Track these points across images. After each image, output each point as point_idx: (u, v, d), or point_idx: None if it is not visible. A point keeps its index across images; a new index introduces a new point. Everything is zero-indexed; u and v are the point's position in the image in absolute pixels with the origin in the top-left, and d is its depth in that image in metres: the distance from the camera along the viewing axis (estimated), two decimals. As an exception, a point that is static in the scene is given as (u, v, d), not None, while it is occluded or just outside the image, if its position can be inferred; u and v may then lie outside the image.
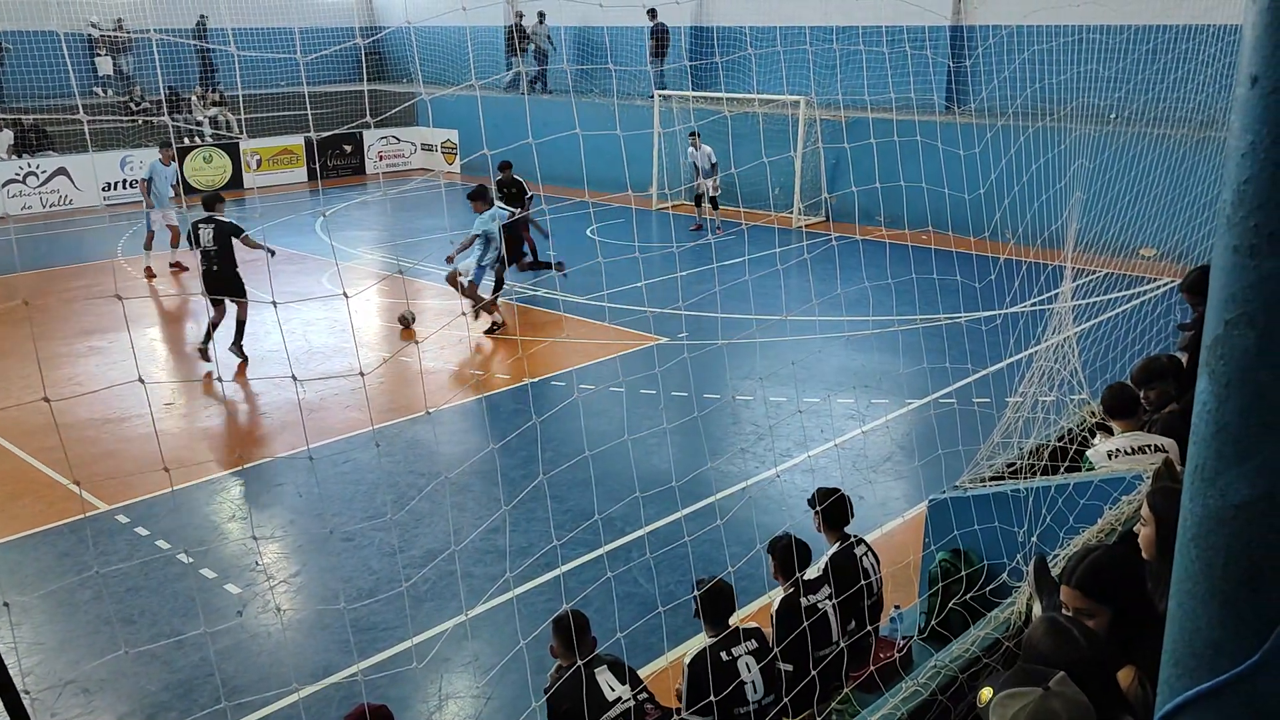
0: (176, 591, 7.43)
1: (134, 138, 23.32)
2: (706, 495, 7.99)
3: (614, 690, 4.46)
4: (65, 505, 8.69)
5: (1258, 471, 1.40)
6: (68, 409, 10.40)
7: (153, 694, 6.33)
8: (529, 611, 6.80)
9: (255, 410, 10.75)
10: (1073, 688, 2.41)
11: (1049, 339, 6.69)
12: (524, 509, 8.23)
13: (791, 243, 16.40)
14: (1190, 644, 1.51)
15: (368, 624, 6.99)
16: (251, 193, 24.15)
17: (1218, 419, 1.44)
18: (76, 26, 24.59)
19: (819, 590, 5.15)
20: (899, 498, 8.67)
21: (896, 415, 10.42)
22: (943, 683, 3.74)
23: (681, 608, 5.43)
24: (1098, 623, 3.05)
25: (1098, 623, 3.05)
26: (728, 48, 22.65)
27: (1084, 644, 2.70)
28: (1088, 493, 4.93)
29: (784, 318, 12.30)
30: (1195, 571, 1.49)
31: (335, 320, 13.43)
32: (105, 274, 16.41)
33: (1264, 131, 1.35)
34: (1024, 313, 8.73)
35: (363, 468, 9.46)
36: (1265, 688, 1.45)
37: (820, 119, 19.50)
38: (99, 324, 13.66)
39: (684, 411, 9.86)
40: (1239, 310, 1.39)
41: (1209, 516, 1.46)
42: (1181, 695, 1.52)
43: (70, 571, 7.76)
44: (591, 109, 23.09)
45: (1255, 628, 1.44)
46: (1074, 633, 2.73)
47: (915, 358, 11.14)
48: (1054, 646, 2.70)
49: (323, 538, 8.20)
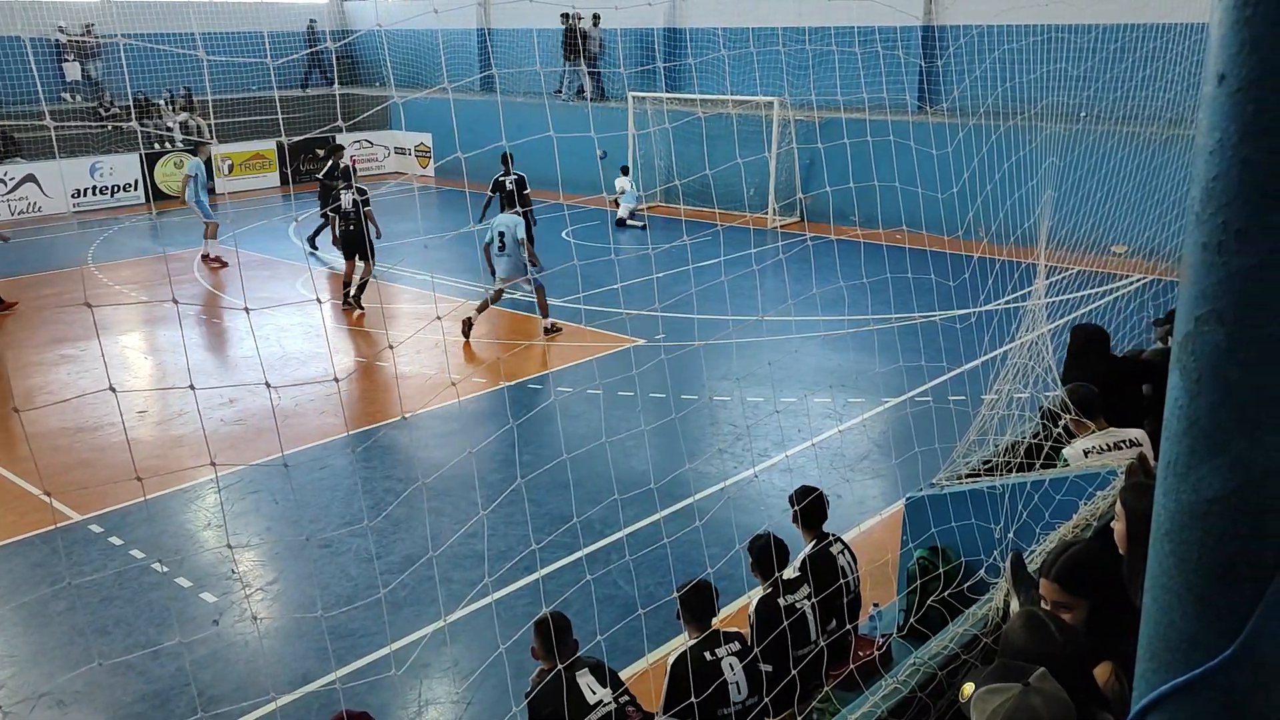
0: (151, 601, 7.36)
1: (103, 144, 23.09)
2: (685, 496, 7.99)
3: (595, 693, 4.45)
4: (37, 516, 8.59)
5: (1229, 467, 1.41)
6: (39, 418, 10.29)
7: (128, 705, 6.27)
8: (508, 616, 6.78)
9: (229, 417, 10.66)
10: (1053, 683, 2.43)
11: (1023, 336, 6.74)
12: (502, 513, 8.20)
13: (767, 243, 16.43)
14: (1165, 639, 1.52)
15: (346, 631, 6.94)
16: (224, 198, 23.96)
17: (1189, 415, 1.45)
18: (44, 32, 24.32)
19: (797, 590, 5.16)
20: (876, 496, 8.71)
21: (873, 414, 10.46)
22: (922, 680, 3.75)
23: (661, 609, 5.43)
24: (1075, 616, 3.07)
25: (1075, 616, 3.07)
26: (701, 49, 22.68)
27: (1061, 639, 2.72)
28: (1063, 489, 4.97)
29: (760, 318, 12.32)
30: (1169, 567, 1.50)
31: (309, 325, 13.35)
32: (75, 281, 16.24)
33: (1231, 129, 1.36)
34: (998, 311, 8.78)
35: (339, 474, 9.41)
36: (1240, 681, 1.47)
37: (794, 120, 19.57)
38: (69, 332, 13.52)
39: (662, 413, 9.86)
40: (1209, 307, 1.40)
41: (1182, 512, 1.47)
42: (1157, 690, 1.53)
43: (43, 583, 7.67)
44: (566, 111, 23.08)
45: (1230, 622, 1.45)
46: (1051, 628, 2.75)
47: (891, 356, 11.19)
48: (1032, 641, 2.72)
49: (299, 545, 8.14)
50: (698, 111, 18.96)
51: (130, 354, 13.22)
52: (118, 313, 14.79)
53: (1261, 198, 1.34)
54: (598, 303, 13.60)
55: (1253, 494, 1.41)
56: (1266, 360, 1.37)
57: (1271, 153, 1.33)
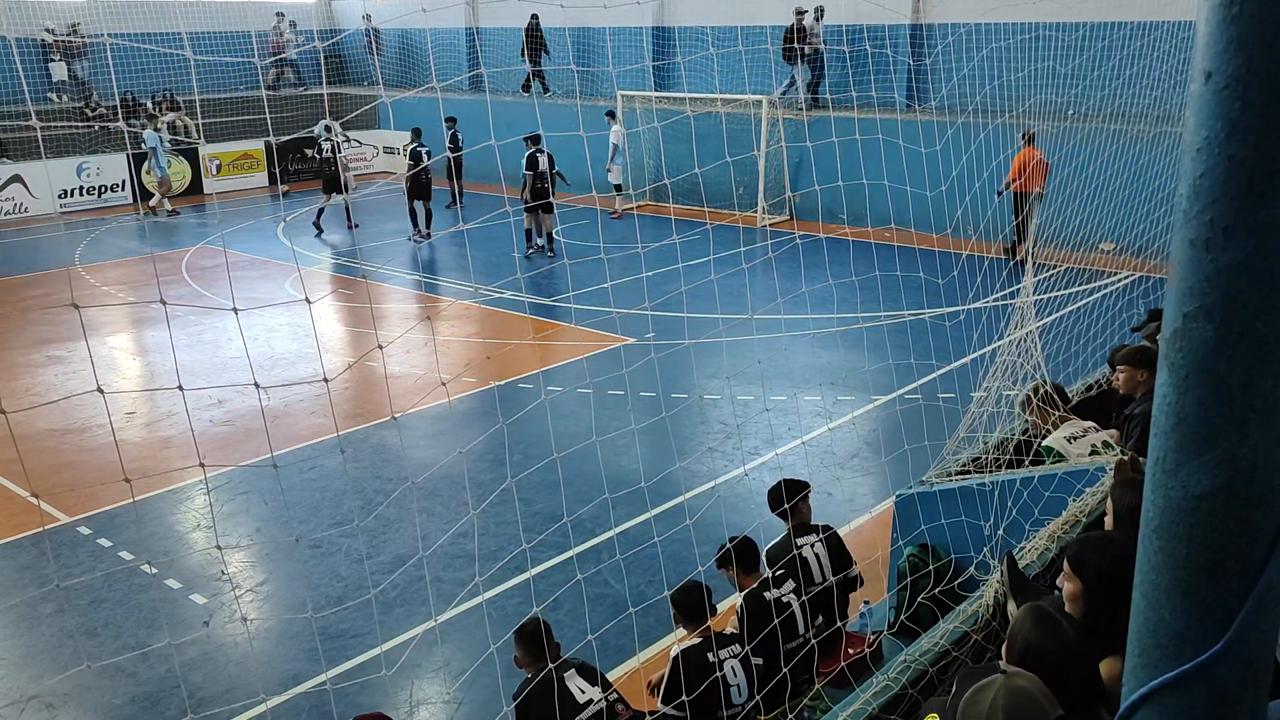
0: (141, 603, 7.33)
1: (90, 144, 22.98)
2: (675, 495, 7.99)
3: (585, 693, 4.44)
4: (25, 518, 8.55)
5: (1218, 463, 1.42)
6: (26, 420, 10.23)
7: (118, 707, 6.25)
8: (499, 615, 6.77)
9: (218, 418, 10.63)
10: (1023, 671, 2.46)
11: (1012, 333, 6.76)
12: (493, 512, 8.19)
13: (756, 241, 16.44)
14: (1154, 634, 1.53)
15: (336, 631, 6.93)
16: (212, 198, 23.88)
17: (1178, 411, 1.45)
18: (30, 32, 24.17)
19: (783, 584, 5.15)
20: (866, 494, 8.72)
21: (863, 412, 10.48)
22: (913, 677, 3.76)
23: (652, 608, 5.44)
24: (1072, 589, 3.08)
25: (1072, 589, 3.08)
26: (690, 48, 22.69)
27: (1071, 632, 2.73)
28: (1052, 485, 4.99)
29: (750, 316, 12.34)
30: (1158, 563, 1.51)
31: (298, 326, 13.31)
32: (62, 282, 16.17)
33: (1218, 126, 1.36)
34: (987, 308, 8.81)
35: (329, 474, 9.38)
36: (1228, 676, 1.47)
37: (783, 118, 19.59)
38: (56, 333, 13.45)
39: (652, 412, 9.87)
40: (1196, 303, 1.41)
41: (1170, 508, 1.48)
42: (1147, 685, 1.54)
43: (31, 585, 7.64)
44: (553, 110, 23.05)
45: (1218, 617, 1.45)
46: (1061, 622, 2.76)
47: (880, 354, 11.22)
48: (1040, 636, 2.72)
49: (289, 545, 8.12)
50: (686, 110, 18.97)
51: (118, 355, 13.16)
52: (105, 313, 14.72)
53: (1248, 194, 1.35)
54: (587, 301, 13.60)
55: (1241, 490, 1.42)
56: (1254, 356, 1.38)
57: (1258, 149, 1.34)
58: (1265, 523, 1.43)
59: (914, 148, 7.06)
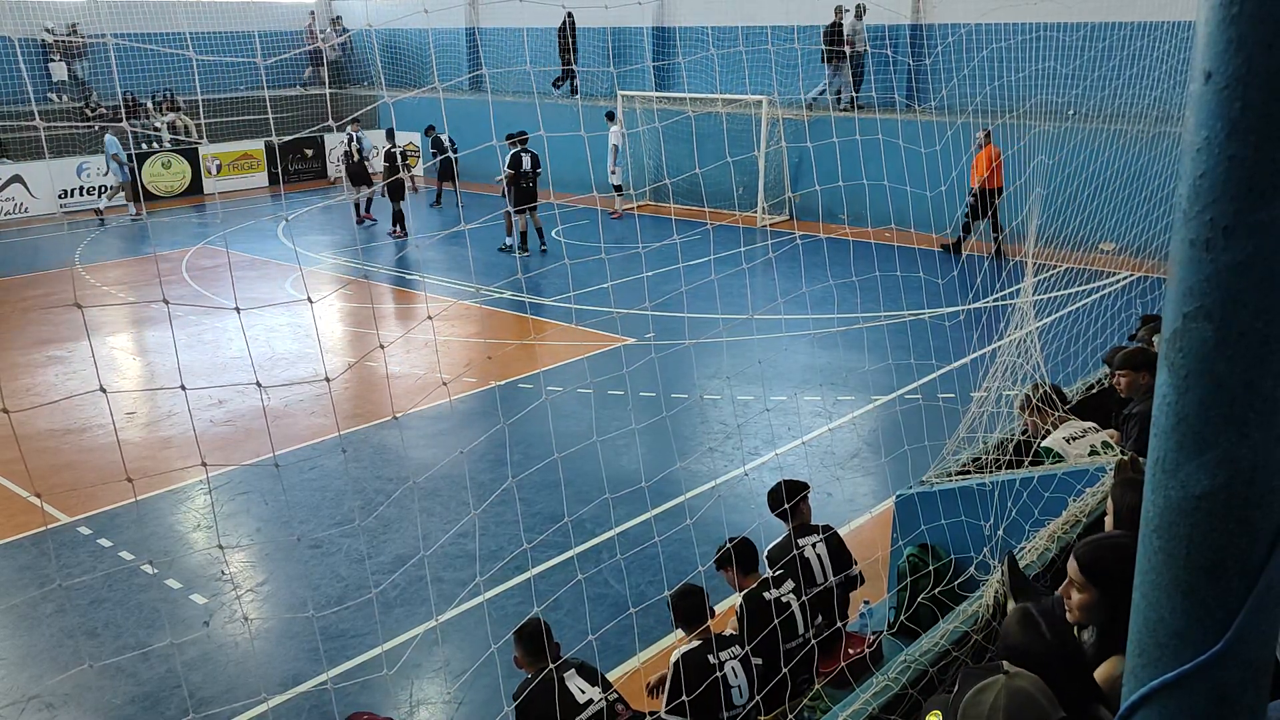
0: (141, 603, 7.33)
1: (90, 144, 22.98)
2: (676, 495, 7.99)
3: (585, 692, 4.44)
4: (26, 518, 8.55)
5: (1217, 463, 1.42)
6: (27, 419, 10.23)
7: (118, 707, 6.25)
8: (500, 615, 6.77)
9: (219, 418, 10.63)
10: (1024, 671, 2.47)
11: (1012, 334, 6.76)
12: (493, 512, 8.19)
13: (756, 242, 16.45)
14: (1154, 634, 1.53)
15: (337, 631, 6.93)
16: (212, 198, 23.89)
17: (1177, 411, 1.46)
18: (30, 32, 24.18)
19: (783, 585, 5.16)
20: (866, 494, 8.72)
21: (863, 412, 10.48)
22: (913, 677, 3.76)
23: (652, 609, 5.44)
24: (1085, 599, 3.07)
25: (1085, 599, 3.07)
26: (690, 48, 22.69)
27: (1050, 637, 2.73)
28: (1052, 485, 4.99)
29: (750, 316, 12.34)
30: (1158, 563, 1.51)
31: (299, 326, 13.32)
32: (63, 282, 16.17)
33: (1218, 126, 1.37)
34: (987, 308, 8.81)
35: (329, 474, 9.38)
36: (1228, 676, 1.47)
37: (783, 118, 19.58)
38: (57, 333, 13.46)
39: (652, 412, 9.86)
40: (1196, 303, 1.41)
41: (1170, 508, 1.48)
42: (1147, 685, 1.54)
43: (32, 585, 7.64)
44: (554, 110, 23.05)
45: (1218, 617, 1.46)
46: (1042, 625, 2.77)
47: (880, 354, 11.22)
48: (1024, 638, 2.74)
49: (290, 545, 8.12)
50: (687, 110, 18.97)
51: (119, 355, 13.17)
52: (106, 313, 14.72)
53: (1248, 194, 1.35)
54: (588, 302, 13.60)
55: (1241, 490, 1.42)
56: (1254, 356, 1.38)
57: (1258, 149, 1.34)
58: (1265, 523, 1.43)
59: (914, 148, 7.06)
